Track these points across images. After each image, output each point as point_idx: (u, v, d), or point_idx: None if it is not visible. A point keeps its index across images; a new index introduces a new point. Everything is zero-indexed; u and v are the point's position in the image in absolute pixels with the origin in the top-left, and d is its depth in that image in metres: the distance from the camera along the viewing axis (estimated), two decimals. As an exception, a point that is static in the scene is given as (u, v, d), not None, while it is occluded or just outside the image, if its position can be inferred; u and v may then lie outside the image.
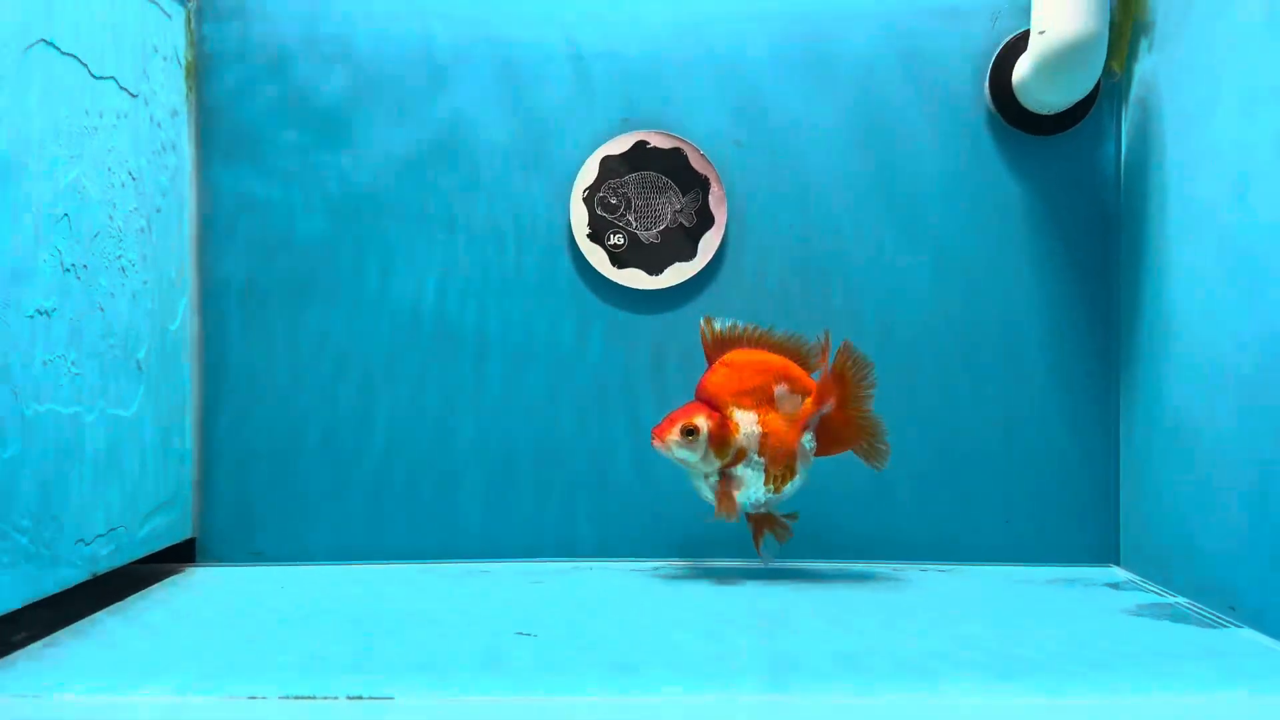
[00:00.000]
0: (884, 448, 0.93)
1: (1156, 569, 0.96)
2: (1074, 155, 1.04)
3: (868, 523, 1.04)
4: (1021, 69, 1.00)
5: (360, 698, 0.64)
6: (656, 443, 0.92)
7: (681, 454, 0.92)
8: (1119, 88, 1.03)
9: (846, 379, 0.93)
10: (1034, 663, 0.72)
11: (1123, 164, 1.03)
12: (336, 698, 0.64)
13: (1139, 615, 0.85)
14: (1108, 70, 1.00)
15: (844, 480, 1.03)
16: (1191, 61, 0.90)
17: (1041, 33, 0.96)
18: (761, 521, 0.95)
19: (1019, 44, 1.01)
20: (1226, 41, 0.84)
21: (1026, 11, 0.98)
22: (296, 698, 0.64)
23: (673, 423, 0.92)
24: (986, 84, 1.03)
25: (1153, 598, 0.91)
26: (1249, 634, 0.78)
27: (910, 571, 1.01)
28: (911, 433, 1.03)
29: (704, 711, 0.63)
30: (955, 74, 1.04)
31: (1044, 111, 1.02)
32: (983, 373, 1.04)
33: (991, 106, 1.03)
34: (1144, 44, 0.99)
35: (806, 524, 1.03)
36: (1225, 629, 0.80)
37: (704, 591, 0.93)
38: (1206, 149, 0.88)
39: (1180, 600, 0.89)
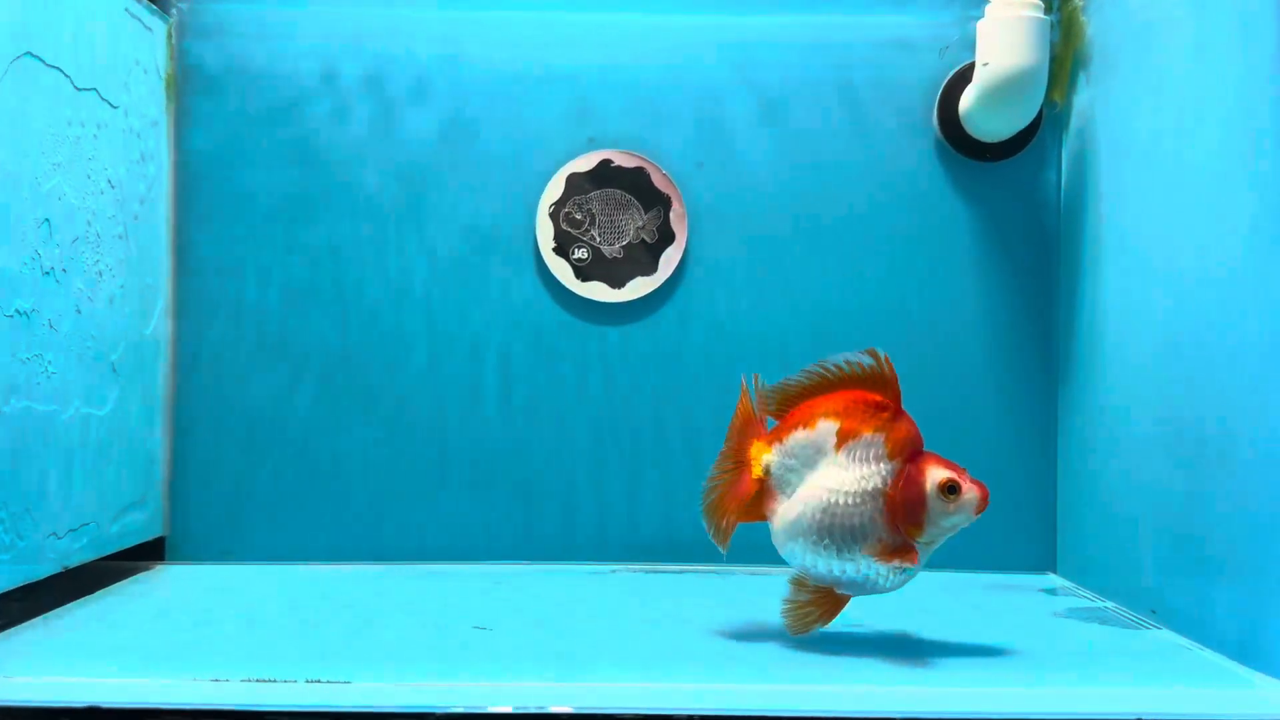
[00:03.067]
0: None
1: (1089, 576, 1.00)
2: (1017, 180, 1.09)
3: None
4: (967, 99, 1.05)
5: (319, 681, 0.67)
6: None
7: None
8: (1060, 117, 1.08)
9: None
10: (961, 656, 0.76)
11: (1063, 189, 1.08)
12: (296, 681, 0.67)
13: (1067, 618, 0.89)
14: (1049, 101, 1.06)
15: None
16: (1122, 96, 0.96)
17: (985, 65, 1.01)
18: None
19: (966, 75, 1.07)
20: (1149, 81, 0.90)
21: (973, 45, 1.03)
22: (258, 680, 0.67)
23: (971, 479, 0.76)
24: (935, 113, 1.09)
25: (1084, 602, 0.95)
26: (1166, 634, 0.83)
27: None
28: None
29: (626, 695, 0.67)
30: (906, 103, 1.09)
31: (989, 139, 1.07)
32: (929, 386, 1.08)
33: (939, 134, 1.09)
34: (1082, 77, 1.04)
35: (756, 533, 1.07)
36: (1145, 630, 0.85)
37: (651, 591, 0.96)
38: (1133, 176, 0.93)
39: (1109, 605, 0.94)
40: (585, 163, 1.09)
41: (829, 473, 0.76)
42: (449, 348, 1.09)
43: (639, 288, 1.09)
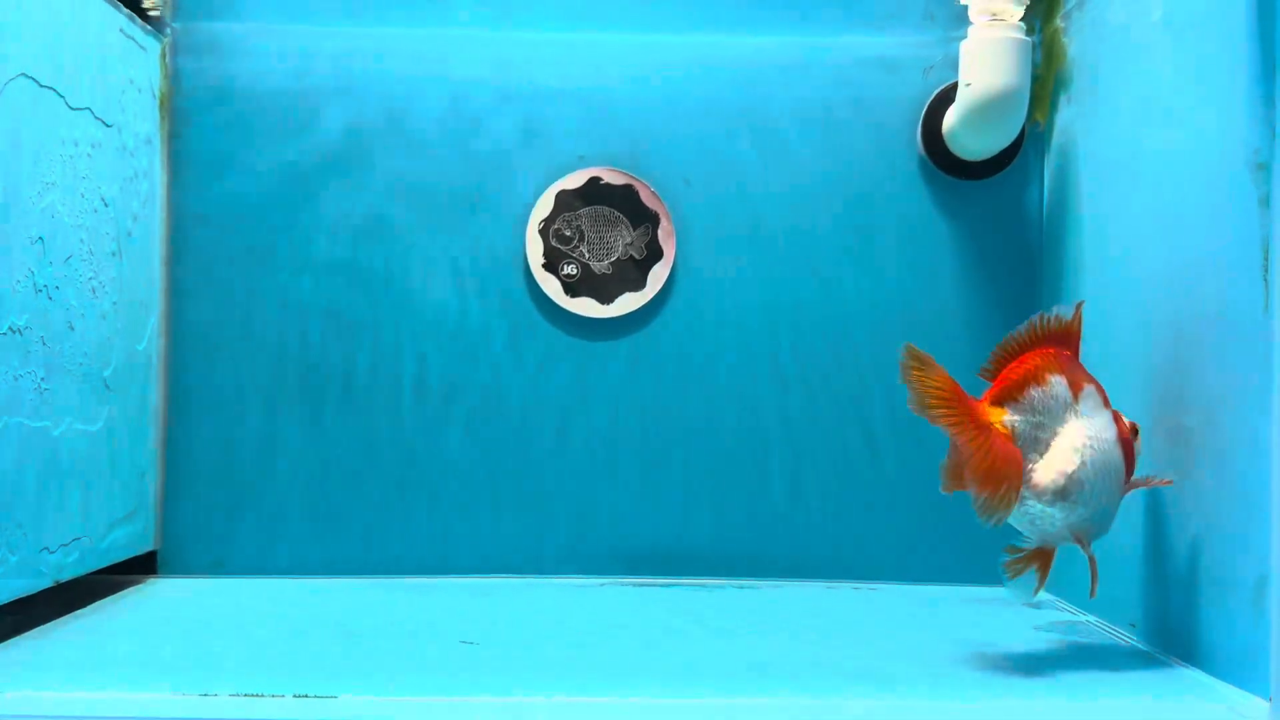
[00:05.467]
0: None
1: (1071, 590, 1.01)
2: (1000, 199, 1.10)
3: (802, 544, 1.10)
4: (951, 118, 1.07)
5: (306, 696, 0.68)
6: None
7: None
8: (1042, 136, 1.10)
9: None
10: (942, 669, 0.77)
11: (1045, 207, 1.10)
12: (284, 696, 0.68)
13: (1048, 631, 0.90)
14: (1031, 120, 1.07)
15: (775, 502, 1.09)
16: (1102, 116, 0.97)
17: (968, 85, 1.02)
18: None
19: (949, 94, 1.08)
20: (1128, 101, 0.91)
21: (956, 65, 1.05)
22: (246, 695, 0.68)
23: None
24: (919, 132, 1.10)
25: (1066, 616, 0.96)
26: (1145, 648, 0.84)
27: (844, 589, 1.06)
28: (855, 457, 1.09)
29: (612, 710, 0.68)
30: (890, 122, 1.10)
31: (972, 158, 1.08)
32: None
33: (923, 153, 1.10)
34: (1063, 97, 1.06)
35: (741, 545, 1.09)
36: (1124, 643, 0.86)
37: (639, 604, 0.97)
38: (1114, 194, 0.94)
39: (1090, 618, 0.95)
40: (574, 180, 1.10)
41: (1080, 425, 0.77)
42: (439, 363, 1.10)
43: (628, 303, 1.10)
